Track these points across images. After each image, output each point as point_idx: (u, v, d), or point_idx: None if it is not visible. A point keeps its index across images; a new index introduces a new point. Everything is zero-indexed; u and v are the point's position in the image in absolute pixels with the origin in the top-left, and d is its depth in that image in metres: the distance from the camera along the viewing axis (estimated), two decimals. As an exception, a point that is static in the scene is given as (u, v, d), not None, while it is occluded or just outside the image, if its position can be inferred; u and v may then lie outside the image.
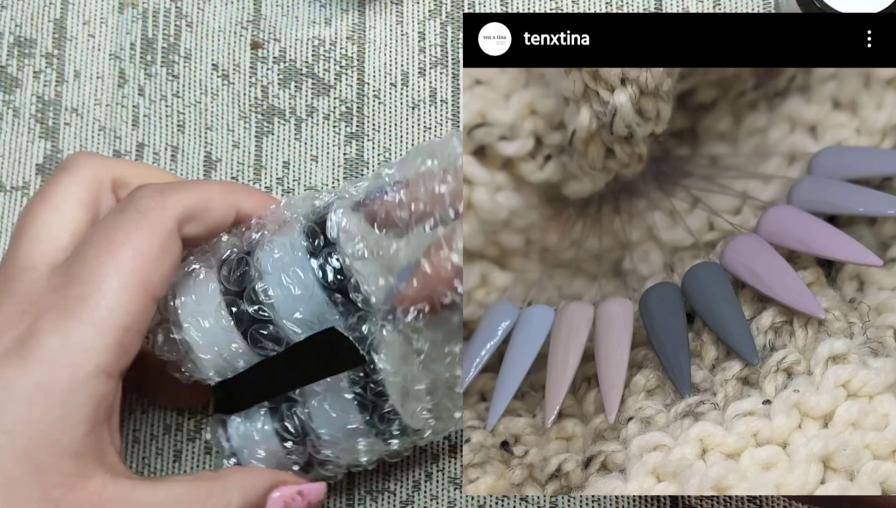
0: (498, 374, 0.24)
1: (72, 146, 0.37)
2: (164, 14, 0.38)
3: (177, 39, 0.38)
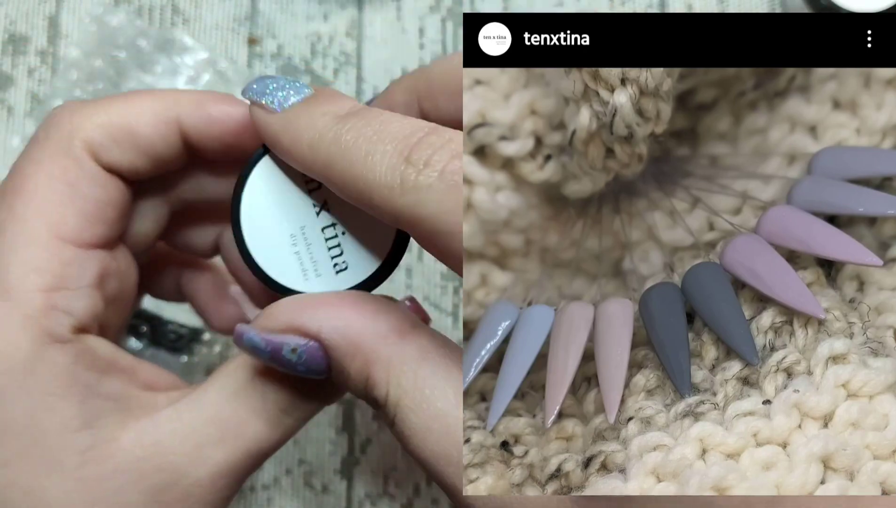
0: (498, 374, 0.24)
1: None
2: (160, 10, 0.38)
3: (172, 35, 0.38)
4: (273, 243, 0.23)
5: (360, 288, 0.24)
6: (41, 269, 0.22)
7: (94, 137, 0.22)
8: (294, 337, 0.21)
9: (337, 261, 0.24)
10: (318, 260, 0.24)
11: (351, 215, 0.23)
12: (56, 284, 0.22)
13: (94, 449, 0.22)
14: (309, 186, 0.23)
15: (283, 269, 0.23)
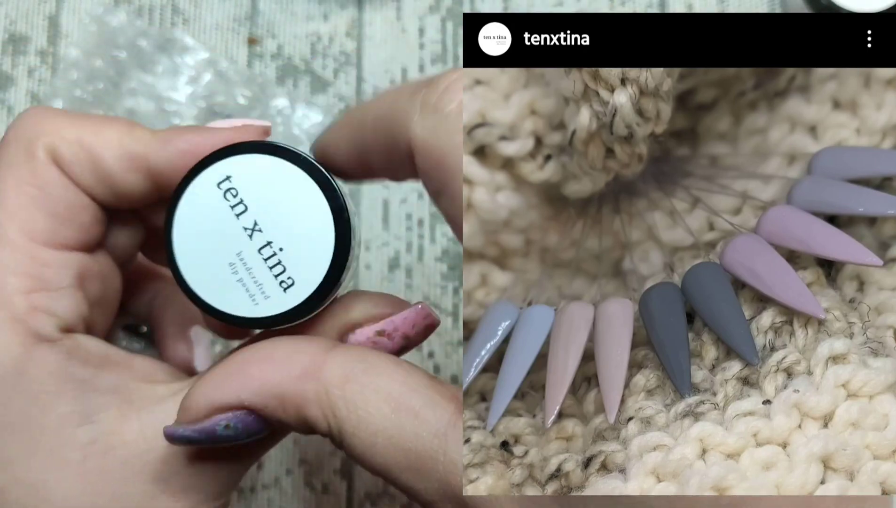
0: (498, 374, 0.24)
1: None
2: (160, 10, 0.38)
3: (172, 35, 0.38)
4: (215, 277, 0.23)
5: (313, 298, 0.23)
6: (17, 272, 0.21)
7: (60, 149, 0.22)
8: (221, 416, 0.21)
9: (282, 279, 0.23)
10: (263, 282, 0.23)
11: (283, 230, 0.23)
12: (35, 285, 0.22)
13: (95, 443, 0.22)
14: (235, 211, 0.23)
15: (231, 300, 0.23)
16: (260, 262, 0.23)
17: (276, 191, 0.23)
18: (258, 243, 0.23)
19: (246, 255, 0.23)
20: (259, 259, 0.23)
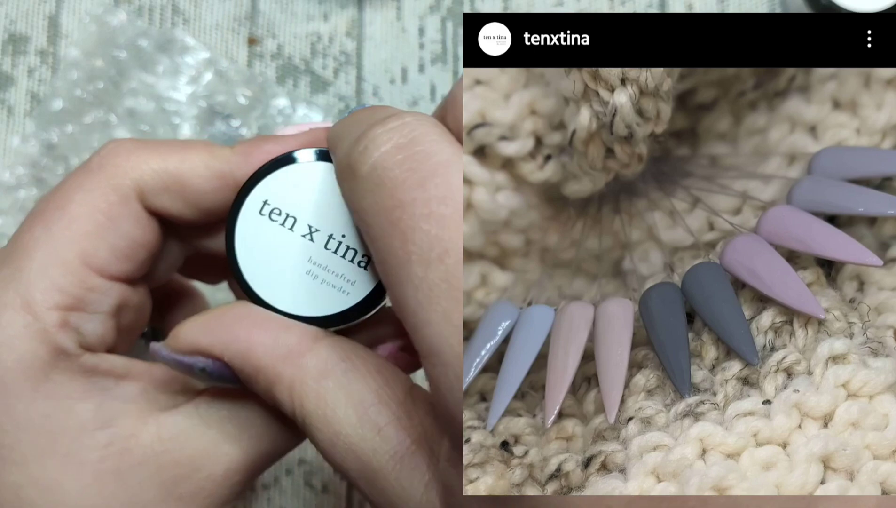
0: (498, 374, 0.24)
1: (66, 144, 0.37)
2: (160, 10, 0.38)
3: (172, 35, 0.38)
4: (301, 290, 0.24)
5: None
6: (64, 291, 0.22)
7: (147, 180, 0.23)
8: (200, 358, 0.22)
9: (358, 259, 0.24)
10: (343, 272, 0.24)
11: (333, 219, 0.24)
12: (74, 305, 0.22)
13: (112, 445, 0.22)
14: (286, 225, 0.24)
15: (325, 303, 0.24)
16: (331, 256, 0.24)
17: (310, 191, 0.24)
18: (321, 241, 0.24)
19: (316, 257, 0.24)
20: (329, 254, 0.24)
